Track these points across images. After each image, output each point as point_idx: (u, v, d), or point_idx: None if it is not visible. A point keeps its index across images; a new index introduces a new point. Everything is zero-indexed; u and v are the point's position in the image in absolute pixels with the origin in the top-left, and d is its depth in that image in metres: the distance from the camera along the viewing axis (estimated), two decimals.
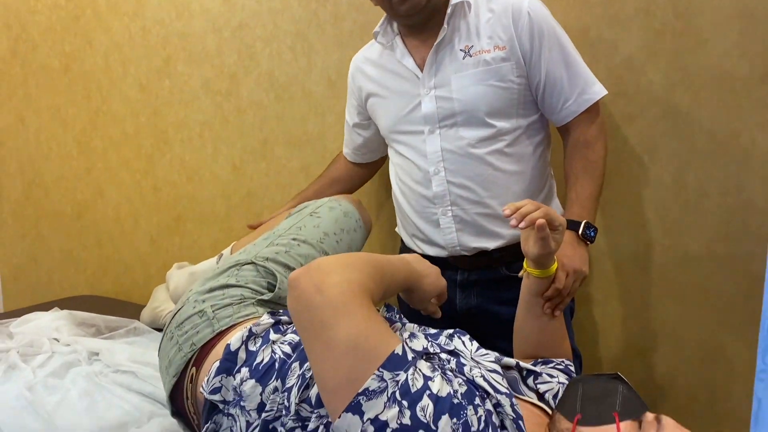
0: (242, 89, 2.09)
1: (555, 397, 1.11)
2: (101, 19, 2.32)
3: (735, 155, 1.56)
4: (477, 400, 0.90)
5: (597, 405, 0.98)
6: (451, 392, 0.88)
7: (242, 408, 1.07)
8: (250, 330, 1.14)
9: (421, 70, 1.49)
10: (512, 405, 0.95)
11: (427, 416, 0.84)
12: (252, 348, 1.12)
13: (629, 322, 1.77)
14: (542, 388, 1.13)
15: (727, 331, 1.67)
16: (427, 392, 0.86)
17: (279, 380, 1.05)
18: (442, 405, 0.85)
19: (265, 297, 1.30)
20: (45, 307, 2.05)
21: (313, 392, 1.00)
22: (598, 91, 1.45)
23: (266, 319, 1.18)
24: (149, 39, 2.20)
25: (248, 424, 1.06)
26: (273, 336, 1.13)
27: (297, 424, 1.00)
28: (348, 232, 1.55)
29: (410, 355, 0.90)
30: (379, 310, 1.03)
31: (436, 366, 0.94)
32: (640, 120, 1.63)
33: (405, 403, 0.84)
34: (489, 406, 0.92)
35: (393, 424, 0.83)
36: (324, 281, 0.92)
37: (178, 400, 1.22)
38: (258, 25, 2.06)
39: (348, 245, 1.55)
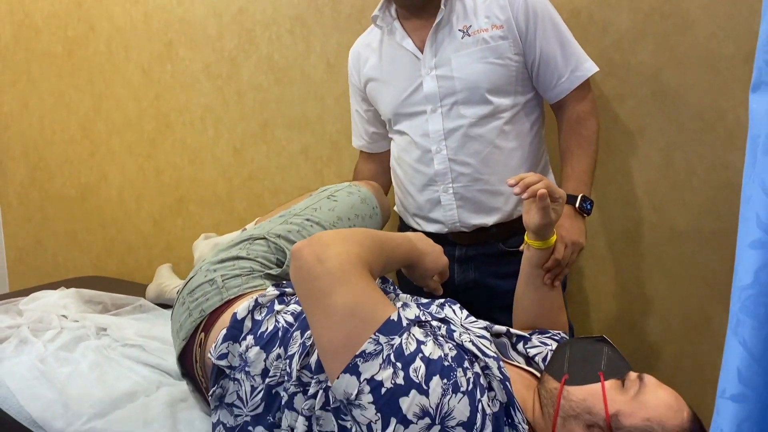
0: (242, 73, 2.13)
1: (544, 360, 1.17)
2: (103, 5, 2.36)
3: (721, 134, 1.61)
4: (466, 363, 0.96)
5: (583, 365, 1.05)
6: (442, 355, 0.93)
7: (247, 373, 1.12)
8: (256, 300, 1.20)
9: (421, 51, 1.53)
10: (499, 368, 1.00)
11: (420, 377, 0.90)
12: (258, 317, 1.17)
13: (619, 295, 1.82)
14: (531, 351, 1.19)
15: (713, 304, 1.72)
16: (420, 355, 0.92)
17: (282, 348, 1.11)
18: (433, 367, 0.91)
19: (273, 272, 1.35)
20: (51, 287, 2.10)
21: (313, 359, 1.05)
22: (589, 68, 1.51)
23: (271, 291, 1.23)
24: (151, 24, 2.23)
25: (253, 388, 1.12)
26: (277, 306, 1.18)
27: (298, 389, 1.06)
28: (363, 219, 1.58)
29: (404, 322, 0.96)
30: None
31: (428, 332, 1.00)
32: (630, 100, 1.68)
33: (399, 364, 0.90)
34: (477, 369, 0.97)
35: (387, 384, 0.89)
36: (324, 252, 0.98)
37: (187, 363, 1.28)
38: (257, 9, 2.10)
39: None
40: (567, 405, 1.00)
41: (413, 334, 0.95)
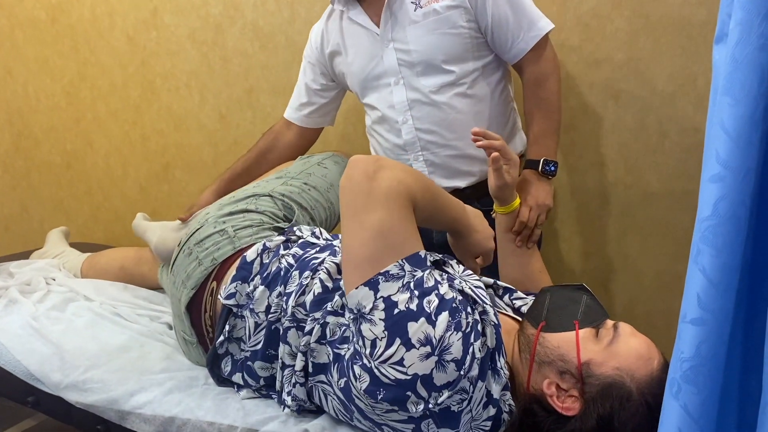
0: (227, 39, 2.15)
1: (517, 310, 1.23)
2: None
3: (692, 97, 1.67)
4: (469, 308, 1.02)
5: (561, 313, 1.09)
6: (453, 297, 0.99)
7: (252, 310, 1.20)
8: (264, 245, 1.27)
9: (378, 27, 1.56)
10: (495, 314, 1.07)
11: (431, 308, 0.96)
12: (265, 261, 1.25)
13: (592, 255, 1.89)
14: (517, 303, 1.25)
15: (684, 262, 1.76)
16: (435, 291, 0.98)
17: (282, 286, 1.19)
18: (444, 304, 0.97)
19: (281, 225, 1.41)
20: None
21: (308, 298, 1.13)
22: (543, 26, 1.51)
23: (278, 237, 1.32)
24: None
25: (256, 324, 1.19)
26: (282, 251, 1.26)
27: (292, 325, 1.13)
28: None
29: (428, 261, 1.02)
30: None
31: (444, 277, 1.06)
32: (605, 65, 1.73)
33: (416, 293, 0.97)
34: (476, 315, 1.03)
35: (401, 306, 0.95)
36: (379, 171, 1.04)
37: (194, 314, 1.31)
38: None
39: None
40: (542, 351, 1.05)
41: (433, 274, 1.01)
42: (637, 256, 1.84)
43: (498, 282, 1.28)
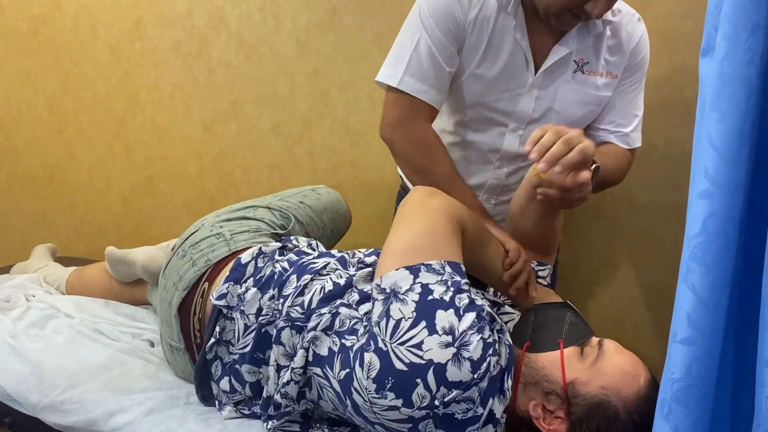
0: (212, 51, 2.13)
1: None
2: None
3: (679, 109, 1.67)
4: (492, 325, 1.01)
5: (545, 332, 1.08)
6: (483, 306, 0.99)
7: (242, 312, 1.18)
8: (260, 248, 1.27)
9: (536, 65, 1.37)
10: (509, 335, 1.07)
11: (461, 305, 0.96)
12: (260, 264, 1.25)
13: (581, 268, 1.88)
14: (504, 318, 1.23)
15: (673, 274, 1.76)
16: (469, 295, 0.98)
17: (276, 289, 1.17)
18: (473, 306, 0.96)
19: (278, 232, 1.42)
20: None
21: (307, 298, 1.12)
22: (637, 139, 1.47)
23: (274, 243, 1.32)
24: (119, 1, 2.22)
25: (246, 326, 1.17)
26: (278, 257, 1.26)
27: (287, 324, 1.11)
28: (340, 217, 1.67)
29: (466, 275, 1.03)
30: None
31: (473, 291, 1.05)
32: None
33: (452, 289, 0.97)
34: (495, 335, 1.01)
35: (436, 295, 0.96)
36: (436, 194, 1.10)
37: (183, 317, 1.29)
38: None
39: (338, 229, 1.67)
40: (527, 372, 1.04)
41: (469, 286, 1.01)
42: (625, 267, 1.83)
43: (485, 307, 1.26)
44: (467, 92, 1.40)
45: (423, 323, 0.93)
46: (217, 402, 1.24)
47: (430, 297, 0.96)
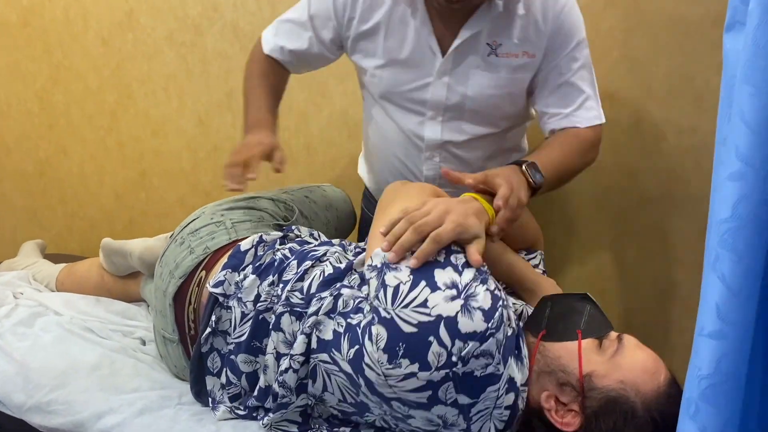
0: (207, 41, 2.08)
1: (519, 316, 1.15)
2: None
3: (689, 98, 1.62)
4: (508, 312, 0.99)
5: (562, 322, 1.04)
6: (482, 268, 0.97)
7: (239, 299, 1.14)
8: (261, 237, 1.24)
9: (443, 52, 1.33)
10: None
11: (459, 263, 0.95)
12: (260, 252, 1.21)
13: (588, 262, 1.83)
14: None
15: (682, 270, 1.74)
16: (464, 254, 0.97)
17: (276, 275, 1.14)
18: (471, 267, 0.95)
19: (281, 223, 1.39)
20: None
21: (306, 284, 1.09)
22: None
23: (276, 233, 1.29)
24: None
25: (243, 314, 1.13)
26: (279, 246, 1.24)
27: (286, 310, 1.08)
28: (345, 216, 1.65)
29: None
30: None
31: None
32: (599, 65, 1.64)
33: (444, 251, 0.97)
34: (503, 293, 0.98)
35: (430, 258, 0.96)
36: (410, 182, 1.19)
37: (177, 307, 1.25)
38: None
39: (342, 227, 1.65)
40: (542, 360, 1.00)
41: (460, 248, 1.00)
42: (633, 263, 1.79)
43: None
44: (377, 84, 1.41)
45: (423, 283, 0.92)
46: (210, 399, 1.19)
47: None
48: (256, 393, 1.12)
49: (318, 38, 1.45)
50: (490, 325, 0.89)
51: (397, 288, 0.92)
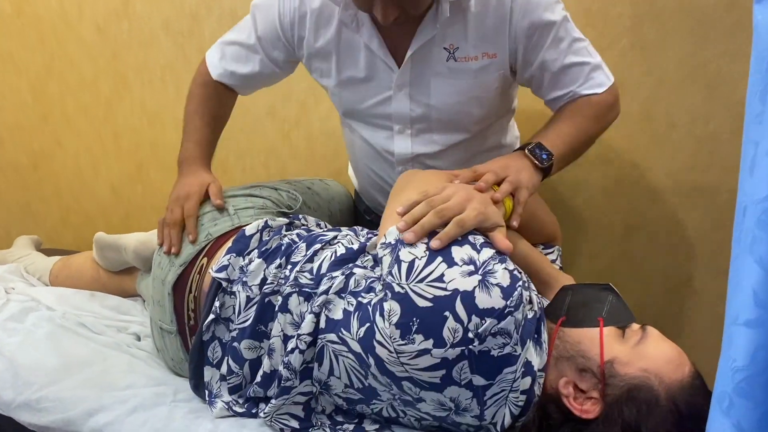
0: (204, 29, 2.03)
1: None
2: None
3: (702, 85, 1.58)
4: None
5: (583, 310, 1.00)
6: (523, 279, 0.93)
7: (244, 284, 1.11)
8: (266, 222, 1.21)
9: (397, 63, 1.26)
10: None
11: (477, 242, 0.92)
12: (265, 237, 1.18)
13: (596, 256, 1.79)
14: None
15: (694, 262, 1.70)
16: (483, 234, 0.96)
17: (284, 258, 1.12)
18: (489, 245, 0.93)
19: (285, 211, 1.36)
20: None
21: (316, 265, 1.07)
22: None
23: (282, 219, 1.27)
24: None
25: (248, 299, 1.10)
26: (284, 232, 1.21)
27: (294, 290, 1.05)
28: (348, 211, 1.65)
29: None
30: None
31: None
32: (609, 52, 1.62)
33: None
34: (524, 276, 0.96)
35: None
36: (420, 170, 1.16)
37: (177, 296, 1.21)
38: None
39: (345, 223, 1.64)
40: (561, 345, 0.97)
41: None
42: (644, 256, 1.75)
43: None
44: (339, 102, 1.38)
45: (439, 258, 0.89)
46: (207, 392, 1.14)
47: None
48: (259, 379, 1.07)
49: (270, 58, 1.40)
50: (508, 302, 0.86)
51: (412, 263, 0.89)
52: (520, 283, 0.89)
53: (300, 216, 1.33)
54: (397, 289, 0.89)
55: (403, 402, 0.95)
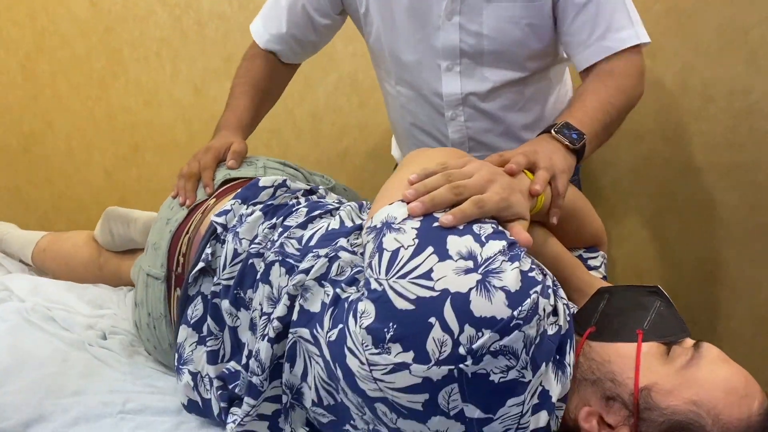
0: (202, 1, 1.94)
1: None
2: None
3: (742, 55, 1.52)
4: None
5: (620, 319, 0.81)
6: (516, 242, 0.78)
7: (236, 234, 1.01)
8: (285, 181, 1.13)
9: None
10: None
11: (482, 233, 0.75)
12: (278, 194, 1.11)
13: (625, 240, 1.74)
14: None
15: (730, 247, 1.64)
16: (493, 225, 0.78)
17: (280, 218, 1.03)
18: (503, 236, 0.76)
19: (312, 187, 1.25)
20: None
21: (307, 233, 0.96)
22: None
23: (302, 184, 1.17)
24: None
25: (235, 252, 0.99)
26: (301, 199, 1.11)
27: (277, 258, 0.93)
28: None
29: None
30: None
31: None
32: (641, 18, 1.51)
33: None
34: (548, 281, 0.78)
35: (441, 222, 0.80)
36: (429, 148, 1.01)
37: (174, 239, 1.11)
38: None
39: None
40: (585, 365, 0.78)
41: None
42: (675, 240, 1.67)
43: None
44: (380, 44, 1.30)
45: (430, 249, 0.72)
46: (177, 355, 1.02)
47: (436, 223, 0.75)
48: (244, 361, 0.94)
49: (311, 2, 1.33)
50: (515, 313, 0.68)
51: (395, 253, 0.73)
52: (537, 288, 0.71)
53: (320, 187, 1.22)
54: (373, 285, 0.73)
55: (377, 431, 0.79)
